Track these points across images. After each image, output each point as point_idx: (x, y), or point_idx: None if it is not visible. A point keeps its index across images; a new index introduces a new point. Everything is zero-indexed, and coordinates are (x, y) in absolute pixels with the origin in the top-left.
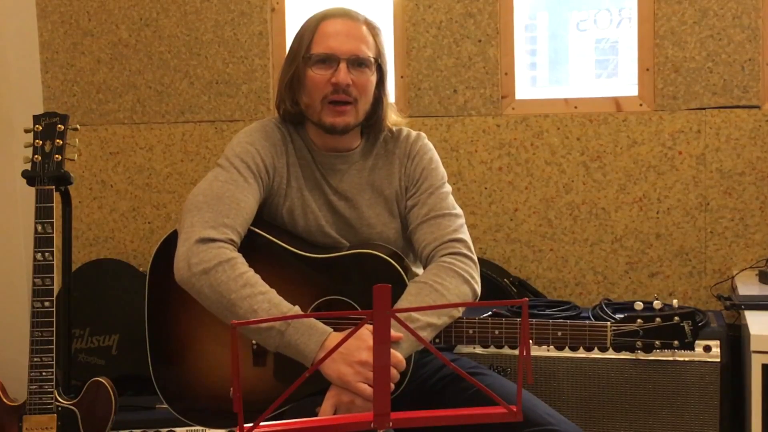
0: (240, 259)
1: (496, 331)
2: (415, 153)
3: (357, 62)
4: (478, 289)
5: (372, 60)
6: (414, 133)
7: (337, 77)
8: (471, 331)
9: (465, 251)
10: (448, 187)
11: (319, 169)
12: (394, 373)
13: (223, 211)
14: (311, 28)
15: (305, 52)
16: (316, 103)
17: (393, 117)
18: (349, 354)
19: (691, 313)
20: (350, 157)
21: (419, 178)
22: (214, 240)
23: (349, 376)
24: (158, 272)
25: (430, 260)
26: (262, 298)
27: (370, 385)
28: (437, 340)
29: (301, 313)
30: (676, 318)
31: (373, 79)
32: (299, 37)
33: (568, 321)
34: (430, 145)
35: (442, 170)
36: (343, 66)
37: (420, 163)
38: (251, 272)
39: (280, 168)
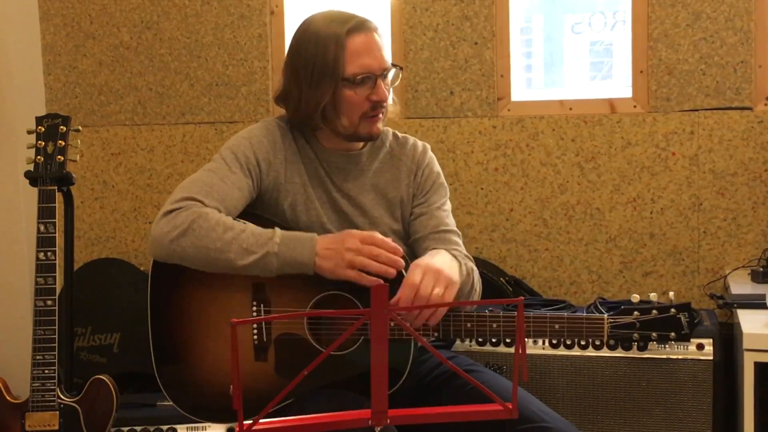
0: (209, 210)
1: (494, 325)
2: (425, 165)
3: (386, 74)
4: (480, 292)
5: (393, 67)
6: (419, 143)
7: (379, 95)
8: (469, 325)
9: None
10: (449, 204)
11: (324, 167)
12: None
13: (194, 189)
14: (338, 45)
15: (341, 73)
16: (354, 120)
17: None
18: (337, 251)
19: (687, 304)
20: (356, 158)
21: (429, 190)
22: (178, 208)
23: (351, 259)
24: (160, 269)
25: None
26: (245, 236)
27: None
28: (435, 334)
29: (281, 231)
30: (673, 310)
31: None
32: (323, 54)
33: (566, 314)
34: (435, 159)
35: (446, 185)
36: (380, 82)
37: (430, 175)
38: (224, 216)
39: (276, 164)
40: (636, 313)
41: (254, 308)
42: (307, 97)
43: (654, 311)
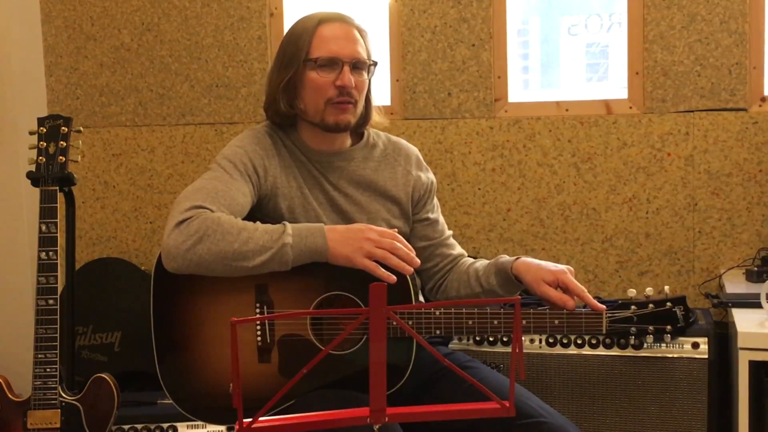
0: (220, 215)
1: (495, 321)
2: (425, 168)
3: (357, 65)
4: None
5: (368, 63)
6: (411, 146)
7: (343, 80)
8: (470, 322)
9: None
10: None
11: (317, 167)
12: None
13: (200, 197)
14: (309, 32)
15: (306, 55)
16: (320, 104)
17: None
18: (357, 239)
19: (682, 298)
20: (348, 155)
21: (432, 195)
22: (189, 217)
23: (369, 249)
24: (163, 271)
25: (456, 266)
26: (259, 234)
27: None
28: (437, 332)
29: (290, 224)
30: (669, 304)
31: (367, 80)
32: (295, 41)
33: (565, 309)
34: None
35: None
36: (347, 69)
37: (429, 177)
38: (234, 219)
39: (272, 168)
40: (633, 307)
41: (257, 310)
42: (274, 79)
43: (650, 305)
